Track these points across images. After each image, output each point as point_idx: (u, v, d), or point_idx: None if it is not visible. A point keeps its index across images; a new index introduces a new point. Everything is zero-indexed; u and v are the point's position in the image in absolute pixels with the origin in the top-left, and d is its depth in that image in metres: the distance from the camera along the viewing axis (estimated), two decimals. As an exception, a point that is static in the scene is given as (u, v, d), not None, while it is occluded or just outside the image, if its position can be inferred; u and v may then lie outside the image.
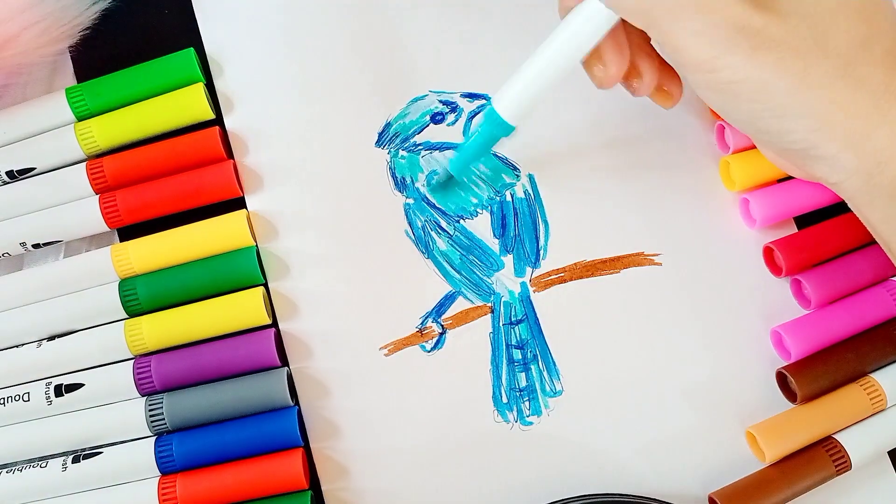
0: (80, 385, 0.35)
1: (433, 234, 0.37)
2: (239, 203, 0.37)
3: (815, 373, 0.34)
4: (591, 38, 0.29)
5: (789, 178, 0.36)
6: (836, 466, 0.33)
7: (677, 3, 0.25)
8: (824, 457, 0.33)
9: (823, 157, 0.27)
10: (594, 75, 0.31)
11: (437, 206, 0.37)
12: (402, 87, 0.38)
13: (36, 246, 0.37)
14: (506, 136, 0.32)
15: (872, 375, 0.34)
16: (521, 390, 0.35)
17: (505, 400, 0.35)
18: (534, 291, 0.36)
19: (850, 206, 0.28)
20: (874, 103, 0.26)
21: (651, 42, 0.31)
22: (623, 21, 0.28)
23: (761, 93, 0.26)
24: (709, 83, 0.27)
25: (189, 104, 0.37)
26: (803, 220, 0.37)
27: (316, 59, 0.39)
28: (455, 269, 0.36)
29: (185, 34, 0.39)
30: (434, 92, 0.38)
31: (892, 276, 0.35)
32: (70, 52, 0.39)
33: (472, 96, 0.38)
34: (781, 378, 0.35)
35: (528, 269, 0.36)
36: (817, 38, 0.26)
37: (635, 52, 0.31)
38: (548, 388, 0.35)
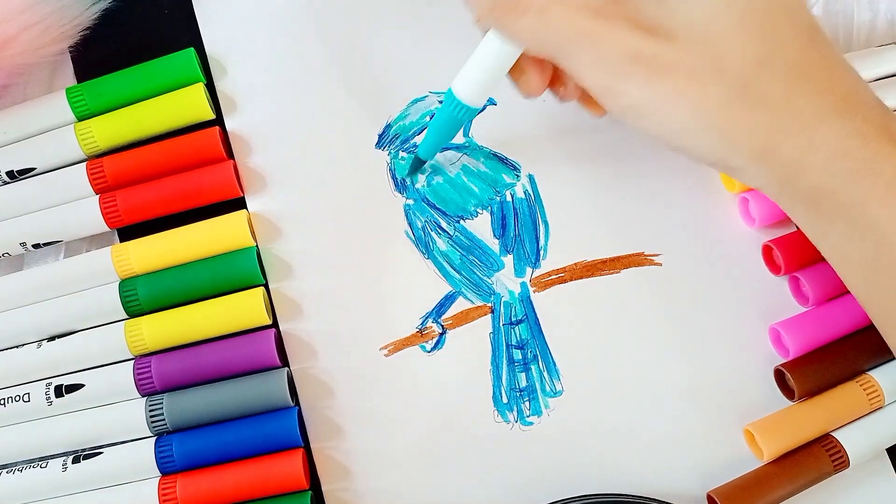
0: (81, 385, 0.35)
1: (433, 234, 0.37)
2: (239, 203, 0.37)
3: (813, 370, 0.34)
4: (507, 60, 0.30)
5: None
6: (833, 464, 0.33)
7: (570, 37, 0.26)
8: (822, 454, 0.33)
9: (735, 168, 0.27)
10: (519, 86, 0.31)
11: (438, 206, 0.37)
12: (403, 88, 0.38)
13: (36, 246, 0.37)
14: (471, 117, 0.33)
15: (870, 373, 0.34)
16: (521, 390, 0.35)
17: (505, 400, 0.35)
18: (534, 291, 0.36)
19: None
20: (776, 120, 0.26)
21: None
22: None
23: (663, 115, 0.26)
24: (613, 107, 0.27)
25: (189, 104, 0.37)
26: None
27: (316, 59, 0.39)
28: (455, 270, 0.36)
29: (185, 34, 0.39)
30: (434, 93, 0.38)
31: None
32: (70, 52, 0.39)
33: (472, 97, 0.38)
34: (780, 375, 0.35)
35: (528, 270, 0.36)
36: (712, 60, 0.26)
37: None
38: (548, 389, 0.35)
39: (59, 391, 0.34)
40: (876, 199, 0.26)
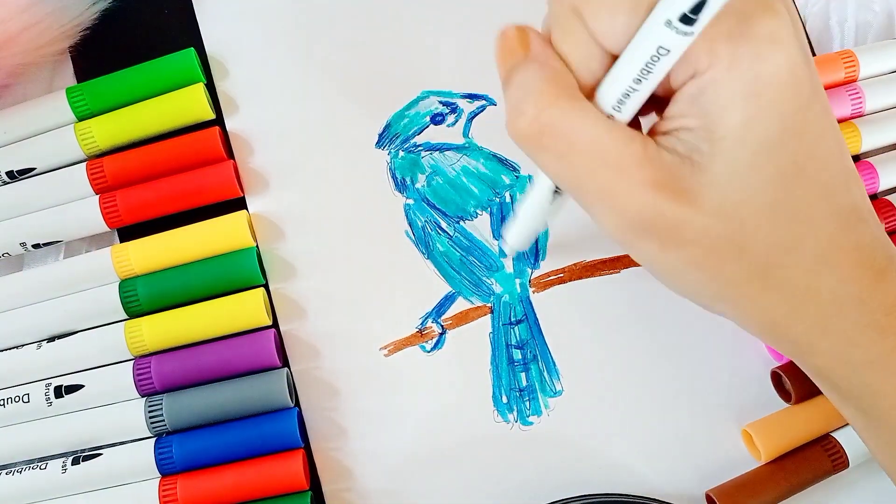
0: (80, 386, 0.34)
1: (433, 234, 0.37)
2: (239, 203, 0.37)
3: (812, 372, 0.34)
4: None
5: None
6: (833, 464, 0.33)
7: (588, 188, 0.24)
8: (822, 454, 0.33)
9: (749, 332, 0.26)
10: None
11: (438, 206, 0.37)
12: (403, 87, 0.38)
13: (36, 246, 0.37)
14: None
15: (869, 374, 0.34)
16: (521, 390, 0.35)
17: (505, 400, 0.35)
18: (533, 292, 0.36)
19: None
20: (791, 304, 0.25)
21: None
22: None
23: (676, 277, 0.25)
24: (632, 255, 0.26)
25: (189, 104, 0.37)
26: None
27: (316, 59, 0.39)
28: (455, 270, 0.37)
29: (185, 34, 0.39)
30: (434, 93, 0.38)
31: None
32: (70, 52, 0.38)
33: (472, 97, 0.38)
34: (776, 378, 0.35)
35: (528, 270, 0.36)
36: (736, 239, 0.24)
37: None
38: (548, 389, 0.35)
39: (59, 391, 0.34)
40: (887, 394, 0.25)
